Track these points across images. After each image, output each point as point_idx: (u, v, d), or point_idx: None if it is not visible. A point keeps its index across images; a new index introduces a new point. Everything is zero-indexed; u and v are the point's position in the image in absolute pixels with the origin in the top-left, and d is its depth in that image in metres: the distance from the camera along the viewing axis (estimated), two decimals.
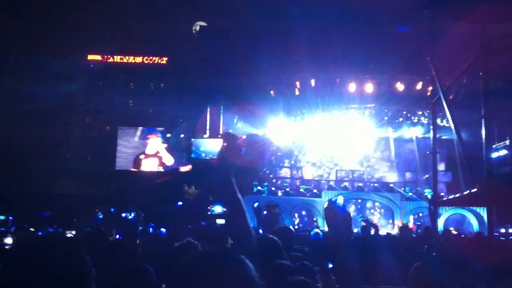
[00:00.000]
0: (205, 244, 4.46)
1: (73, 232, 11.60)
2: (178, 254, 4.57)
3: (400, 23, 21.82)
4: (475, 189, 4.00)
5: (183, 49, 24.06)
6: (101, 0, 22.79)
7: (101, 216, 13.83)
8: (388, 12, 20.81)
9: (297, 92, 24.94)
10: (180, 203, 19.55)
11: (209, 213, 18.43)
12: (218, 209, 18.45)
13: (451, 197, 5.65)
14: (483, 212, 20.98)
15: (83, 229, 10.61)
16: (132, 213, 18.44)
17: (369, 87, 24.42)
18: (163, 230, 13.64)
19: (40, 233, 12.75)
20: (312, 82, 24.24)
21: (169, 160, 25.69)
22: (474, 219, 23.04)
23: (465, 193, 4.37)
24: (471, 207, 22.40)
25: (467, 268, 6.01)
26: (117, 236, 10.94)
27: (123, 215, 14.31)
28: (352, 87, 24.38)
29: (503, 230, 20.52)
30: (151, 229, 14.23)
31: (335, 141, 28.72)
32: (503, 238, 17.52)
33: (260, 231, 7.28)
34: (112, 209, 14.41)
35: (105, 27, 23.61)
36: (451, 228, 19.27)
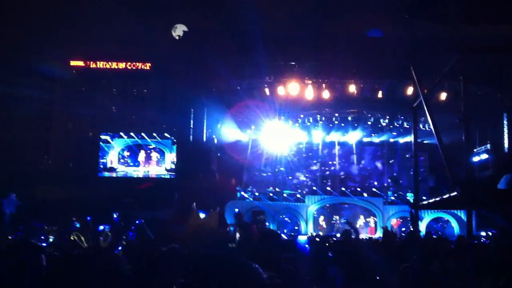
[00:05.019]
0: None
1: (51, 239, 11.49)
2: (166, 257, 4.62)
3: (383, 28, 21.92)
4: (455, 193, 4.03)
5: (166, 54, 23.98)
6: (83, 5, 22.67)
7: (78, 225, 13.67)
8: (371, 16, 20.98)
9: (282, 96, 24.72)
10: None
11: None
12: (201, 216, 18.38)
13: (431, 200, 5.69)
14: (464, 215, 21.18)
15: (63, 236, 10.51)
16: (115, 214, 18.31)
17: (351, 92, 24.29)
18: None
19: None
20: (297, 85, 24.17)
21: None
22: (456, 222, 23.27)
23: (445, 196, 4.40)
24: (453, 211, 22.66)
25: (448, 269, 6.07)
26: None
27: (101, 227, 14.12)
28: (336, 92, 24.25)
29: (483, 233, 20.70)
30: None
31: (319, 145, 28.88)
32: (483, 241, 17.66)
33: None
34: (88, 218, 14.26)
35: (88, 33, 23.47)
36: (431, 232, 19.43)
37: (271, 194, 26.21)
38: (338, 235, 19.37)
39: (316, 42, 21.48)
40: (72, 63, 25.47)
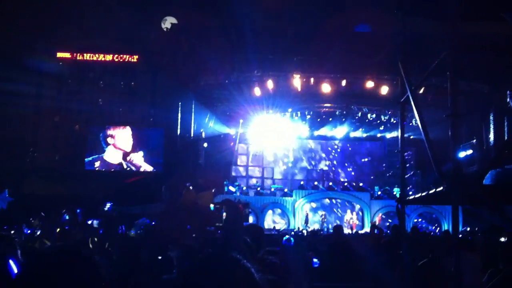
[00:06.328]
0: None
1: (38, 232, 11.40)
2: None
3: (372, 24, 21.93)
4: (442, 188, 4.04)
5: (154, 47, 23.84)
6: None
7: (67, 217, 13.56)
8: (361, 12, 21.00)
9: (270, 91, 24.58)
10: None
11: None
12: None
13: (418, 195, 5.71)
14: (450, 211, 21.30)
15: (50, 230, 10.41)
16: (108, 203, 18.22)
17: (341, 87, 24.20)
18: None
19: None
20: (285, 79, 24.13)
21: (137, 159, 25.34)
22: (442, 217, 23.43)
23: (431, 191, 4.41)
24: (439, 206, 22.77)
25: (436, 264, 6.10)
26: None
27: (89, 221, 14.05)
28: (324, 87, 24.13)
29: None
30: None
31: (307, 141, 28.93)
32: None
33: None
34: (78, 210, 14.16)
35: (75, 24, 23.27)
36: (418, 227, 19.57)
37: (258, 189, 26.22)
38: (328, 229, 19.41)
39: (306, 36, 21.44)
40: (59, 55, 25.22)
